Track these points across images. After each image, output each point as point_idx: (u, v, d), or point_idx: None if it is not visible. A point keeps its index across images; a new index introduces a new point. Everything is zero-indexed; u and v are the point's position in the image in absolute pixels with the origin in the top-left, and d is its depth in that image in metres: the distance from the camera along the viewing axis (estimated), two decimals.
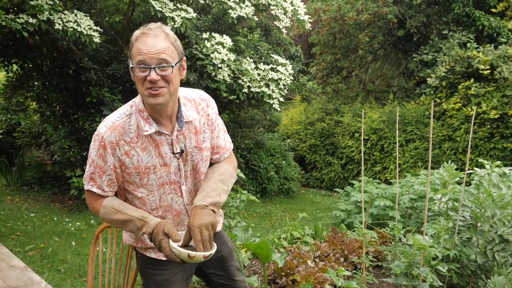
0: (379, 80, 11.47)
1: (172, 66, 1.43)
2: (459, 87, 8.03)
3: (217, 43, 5.55)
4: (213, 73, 5.49)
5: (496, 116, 7.32)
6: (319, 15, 10.36)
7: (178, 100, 1.58)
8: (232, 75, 5.68)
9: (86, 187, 1.61)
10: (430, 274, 2.98)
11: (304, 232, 5.04)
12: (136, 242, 1.74)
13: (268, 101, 6.04)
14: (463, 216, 3.70)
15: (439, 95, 8.54)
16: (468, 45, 8.30)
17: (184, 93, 1.64)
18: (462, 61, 8.14)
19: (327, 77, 11.41)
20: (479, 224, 3.60)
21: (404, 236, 3.52)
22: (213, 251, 1.47)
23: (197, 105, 1.64)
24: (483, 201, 3.54)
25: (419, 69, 9.46)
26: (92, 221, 5.55)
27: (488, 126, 7.51)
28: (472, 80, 7.91)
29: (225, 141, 1.76)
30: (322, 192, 9.58)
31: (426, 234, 3.73)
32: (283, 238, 4.84)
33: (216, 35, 5.65)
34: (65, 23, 4.69)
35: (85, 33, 4.73)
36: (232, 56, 5.58)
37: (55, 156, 6.76)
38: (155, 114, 1.52)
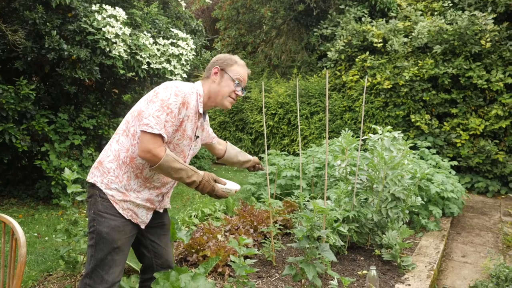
0: (284, 55, 11.77)
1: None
2: (356, 60, 8.57)
3: (109, 16, 5.21)
4: (107, 49, 5.16)
5: (389, 86, 7.97)
6: None
7: None
8: (128, 50, 5.40)
9: (155, 131, 1.89)
10: (332, 235, 3.19)
11: (215, 208, 5.08)
12: (115, 188, 2.01)
13: (171, 77, 5.87)
14: (360, 179, 4.01)
15: (339, 68, 9.04)
16: (363, 19, 8.84)
17: None
18: (358, 35, 8.67)
19: (233, 52, 11.42)
20: (374, 186, 3.93)
21: (309, 202, 3.70)
22: (239, 187, 2.14)
23: None
24: (377, 164, 3.86)
25: (320, 43, 9.89)
26: None
27: (382, 96, 8.15)
28: (367, 53, 8.48)
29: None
30: (234, 168, 9.71)
31: (328, 199, 3.99)
32: (194, 216, 4.83)
33: (108, 7, 5.29)
34: None
35: None
36: (128, 30, 5.29)
37: None
38: (205, 104, 2.14)
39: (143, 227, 2.12)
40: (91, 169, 2.11)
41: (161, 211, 2.22)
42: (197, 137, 2.17)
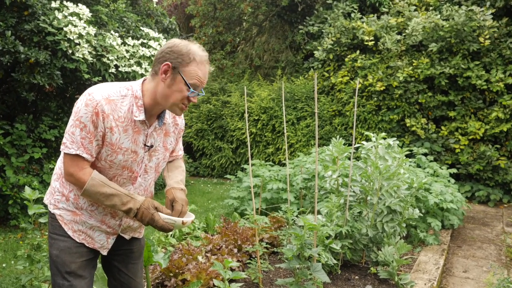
0: (267, 54, 11.89)
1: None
2: (346, 59, 8.72)
3: (72, 14, 5.20)
4: (70, 51, 5.15)
5: (382, 88, 8.13)
6: None
7: None
8: (94, 52, 5.40)
9: (72, 152, 1.81)
10: (324, 253, 3.25)
11: (195, 226, 5.09)
12: (63, 207, 1.97)
13: None
14: (353, 191, 4.08)
15: (327, 69, 9.17)
16: (352, 15, 9.02)
17: None
18: (348, 32, 8.83)
19: (210, 52, 11.47)
20: (368, 198, 4.01)
21: (298, 217, 3.75)
22: (193, 218, 2.02)
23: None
24: (371, 174, 3.94)
25: (306, 42, 10.03)
26: None
27: (375, 98, 8.31)
28: (358, 52, 8.64)
29: (181, 149, 2.28)
30: (213, 180, 9.72)
31: (319, 213, 4.05)
32: (171, 235, 4.82)
33: (69, 4, 5.29)
34: None
35: None
36: (92, 30, 5.29)
37: None
38: (150, 107, 1.90)
39: (104, 253, 2.05)
40: None
41: (127, 237, 2.14)
42: (150, 146, 1.97)
